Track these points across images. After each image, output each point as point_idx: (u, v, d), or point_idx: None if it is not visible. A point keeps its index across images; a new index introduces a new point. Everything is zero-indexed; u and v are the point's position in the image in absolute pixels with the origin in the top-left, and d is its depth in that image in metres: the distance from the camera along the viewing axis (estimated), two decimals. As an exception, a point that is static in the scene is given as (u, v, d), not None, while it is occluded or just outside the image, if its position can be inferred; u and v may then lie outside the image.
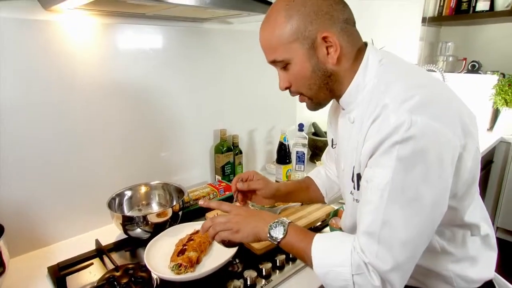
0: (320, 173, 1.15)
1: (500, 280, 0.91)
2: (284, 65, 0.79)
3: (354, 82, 0.75)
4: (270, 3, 1.10)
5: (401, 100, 0.65)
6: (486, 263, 0.84)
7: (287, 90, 0.86)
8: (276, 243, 0.78)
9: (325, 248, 0.73)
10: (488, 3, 2.75)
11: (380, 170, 0.65)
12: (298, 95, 0.85)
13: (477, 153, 0.73)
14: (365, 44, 0.79)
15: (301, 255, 0.76)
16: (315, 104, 0.84)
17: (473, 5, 2.85)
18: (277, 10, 0.74)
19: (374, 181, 0.66)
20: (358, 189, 0.79)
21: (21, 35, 1.03)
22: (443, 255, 0.80)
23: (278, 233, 0.77)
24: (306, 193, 1.13)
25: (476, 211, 0.81)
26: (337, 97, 0.81)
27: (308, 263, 0.74)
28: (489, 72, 2.80)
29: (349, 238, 0.72)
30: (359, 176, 0.76)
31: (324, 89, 0.78)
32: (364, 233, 0.67)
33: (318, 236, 0.75)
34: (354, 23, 0.76)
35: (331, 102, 0.89)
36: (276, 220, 0.79)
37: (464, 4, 2.89)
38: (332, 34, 0.71)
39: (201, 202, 0.93)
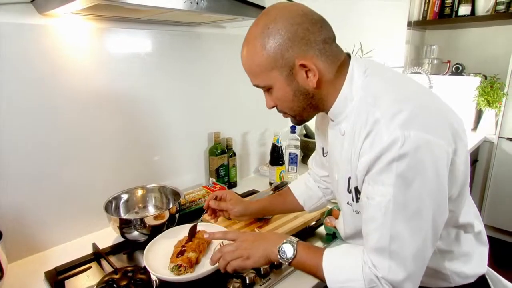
0: (298, 184, 1.17)
1: (492, 273, 0.93)
2: (267, 89, 0.82)
3: (342, 95, 0.76)
4: (264, 8, 1.12)
5: (392, 114, 0.66)
6: (480, 259, 0.87)
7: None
8: (287, 263, 0.80)
9: (336, 264, 0.75)
10: (470, 8, 2.83)
11: (380, 188, 0.67)
12: (283, 113, 0.87)
13: (467, 155, 0.75)
14: (348, 55, 0.79)
15: (313, 272, 0.78)
16: (299, 121, 0.87)
17: (456, 9, 2.93)
18: (254, 37, 0.75)
19: (375, 199, 0.68)
20: (357, 201, 0.80)
21: (15, 40, 1.02)
22: (439, 254, 0.82)
23: (288, 253, 0.79)
24: (282, 206, 1.15)
25: (469, 210, 0.84)
26: (323, 111, 0.82)
27: (321, 279, 0.76)
28: (472, 74, 2.88)
29: (358, 251, 0.74)
30: (356, 189, 0.77)
31: (307, 108, 0.80)
32: (374, 249, 0.69)
33: (327, 251, 0.77)
34: (334, 39, 0.76)
35: None
36: (284, 241, 0.80)
37: (447, 8, 2.97)
38: (310, 59, 0.72)
39: (206, 236, 0.97)
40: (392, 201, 0.65)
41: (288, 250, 0.79)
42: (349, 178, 0.79)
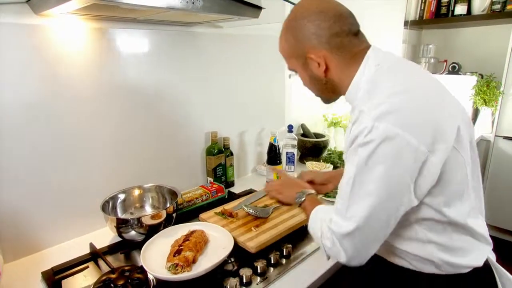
0: None
1: (497, 266, 0.93)
2: (294, 72, 0.95)
3: (353, 84, 0.84)
4: (260, 8, 1.13)
5: (374, 106, 0.73)
6: (477, 254, 0.87)
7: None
8: (298, 205, 1.05)
9: (317, 216, 0.92)
10: (466, 7, 2.84)
11: (349, 166, 0.77)
12: None
13: (456, 157, 0.77)
14: (366, 49, 0.85)
15: (307, 217, 0.96)
16: (323, 100, 1.02)
17: (452, 9, 2.94)
18: (282, 30, 0.90)
19: (345, 175, 0.79)
20: None
21: (11, 40, 1.02)
22: (430, 244, 0.84)
23: (299, 199, 1.04)
24: None
25: (463, 209, 0.83)
26: (342, 94, 0.92)
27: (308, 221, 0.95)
28: (468, 73, 2.89)
29: (330, 213, 0.86)
30: None
31: (325, 91, 0.94)
32: (335, 210, 0.82)
33: (319, 206, 0.95)
34: (349, 32, 0.83)
35: None
36: (301, 191, 1.06)
37: (443, 8, 2.98)
38: (318, 52, 0.83)
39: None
40: (352, 179, 0.75)
41: (300, 197, 1.05)
42: None
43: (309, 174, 1.26)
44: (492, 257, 0.92)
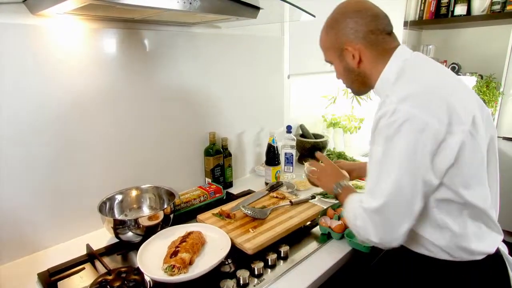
0: None
1: (507, 255, 0.96)
2: (330, 63, 1.05)
3: (383, 75, 0.94)
4: (258, 8, 1.12)
5: (397, 93, 0.83)
6: (488, 241, 0.90)
7: None
8: (334, 196, 1.11)
9: (349, 202, 0.96)
10: (465, 7, 2.83)
11: (374, 147, 0.85)
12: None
13: (472, 142, 0.83)
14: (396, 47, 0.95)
15: (342, 205, 1.02)
16: (354, 92, 1.11)
17: (452, 9, 2.93)
18: (324, 25, 1.01)
19: (371, 157, 0.86)
20: None
21: (8, 40, 1.02)
22: (446, 229, 0.88)
23: (336, 190, 1.09)
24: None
25: (480, 193, 0.87)
26: (371, 87, 1.01)
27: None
28: (468, 74, 2.89)
29: (361, 196, 0.92)
30: None
31: (356, 82, 1.02)
32: (366, 192, 0.87)
33: (352, 194, 0.99)
34: (383, 31, 0.94)
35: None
36: (339, 182, 1.09)
37: (443, 8, 2.97)
38: (354, 45, 0.93)
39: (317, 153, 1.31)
40: (379, 158, 0.82)
41: (337, 188, 1.09)
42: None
43: (337, 163, 1.34)
44: (504, 249, 0.95)
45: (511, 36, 2.50)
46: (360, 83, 1.01)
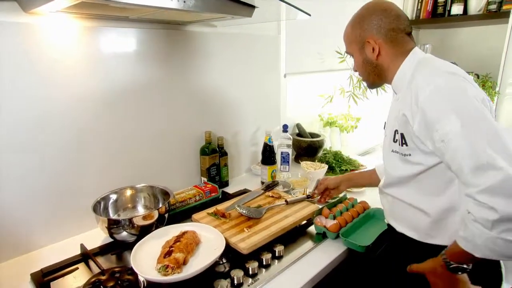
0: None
1: None
2: (351, 56, 1.11)
3: (401, 70, 1.00)
4: (253, 6, 1.11)
5: (425, 76, 0.89)
6: None
7: None
8: (456, 268, 0.86)
9: (467, 241, 0.79)
10: (462, 7, 2.83)
11: (444, 127, 0.82)
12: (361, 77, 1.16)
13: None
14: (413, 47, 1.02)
15: (464, 255, 0.82)
16: (369, 85, 1.15)
17: (448, 9, 2.93)
18: (351, 19, 1.08)
19: (448, 135, 0.81)
20: (406, 145, 0.96)
21: (0, 38, 1.00)
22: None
23: (447, 261, 0.86)
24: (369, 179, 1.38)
25: None
26: (386, 81, 1.08)
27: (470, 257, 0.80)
28: (465, 73, 2.88)
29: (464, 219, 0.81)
30: (402, 135, 0.96)
31: (372, 74, 1.08)
32: (472, 171, 0.76)
33: (458, 240, 0.82)
34: (403, 30, 1.01)
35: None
36: (452, 270, 0.86)
37: (440, 8, 2.97)
38: (375, 39, 1.00)
39: None
40: (461, 125, 0.79)
41: (448, 264, 0.86)
42: (395, 131, 0.99)
43: (323, 184, 1.41)
44: None
45: (507, 35, 2.50)
46: (376, 75, 1.07)
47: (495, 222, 0.71)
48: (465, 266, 0.85)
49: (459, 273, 0.86)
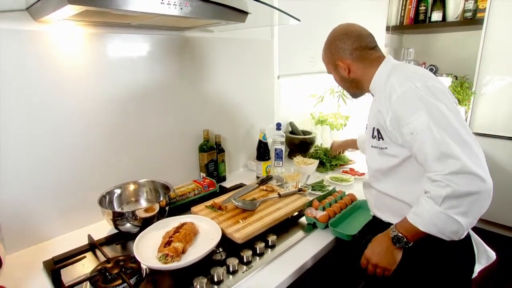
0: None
1: (475, 237, 1.01)
2: (331, 74, 1.16)
3: (376, 75, 1.02)
4: (246, 13, 1.10)
5: (399, 78, 0.91)
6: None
7: None
8: (404, 245, 0.89)
9: (416, 215, 0.85)
10: (441, 14, 2.83)
11: (415, 118, 0.84)
12: None
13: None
14: (385, 56, 1.05)
15: (415, 231, 0.86)
16: (352, 95, 1.18)
17: (429, 15, 2.93)
18: (324, 46, 1.13)
19: (418, 127, 0.84)
20: (382, 139, 0.98)
21: (12, 46, 1.00)
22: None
23: (398, 242, 0.89)
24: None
25: None
26: (365, 90, 1.10)
27: (419, 232, 0.85)
28: (444, 75, 2.88)
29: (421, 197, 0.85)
30: (378, 131, 0.99)
31: (351, 88, 1.13)
32: (435, 160, 0.81)
33: (407, 215, 0.88)
34: (365, 47, 1.04)
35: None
36: (392, 237, 0.90)
37: (421, 15, 2.97)
38: (343, 61, 1.06)
39: None
40: (428, 121, 0.82)
41: (397, 240, 0.89)
42: (373, 128, 1.01)
43: (337, 145, 1.70)
44: None
45: (481, 40, 2.50)
46: (355, 88, 1.12)
47: (445, 197, 0.78)
48: (405, 239, 0.88)
49: (398, 244, 0.89)
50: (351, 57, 1.05)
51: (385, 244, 0.92)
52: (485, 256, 1.02)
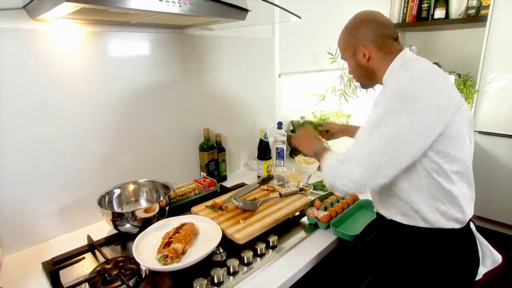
0: None
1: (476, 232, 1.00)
2: (346, 61, 1.12)
3: (390, 69, 1.01)
4: (246, 10, 1.09)
5: (409, 73, 0.90)
6: (466, 212, 0.95)
7: None
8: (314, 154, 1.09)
9: (329, 156, 0.99)
10: (444, 11, 2.80)
11: (375, 109, 0.89)
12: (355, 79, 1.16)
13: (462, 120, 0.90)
14: (401, 49, 1.03)
15: (321, 160, 1.03)
16: (362, 86, 1.17)
17: (432, 13, 2.90)
18: (344, 27, 1.09)
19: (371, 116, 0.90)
20: None
21: (9, 45, 0.98)
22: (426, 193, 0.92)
23: (316, 149, 1.09)
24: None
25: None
26: (377, 82, 1.08)
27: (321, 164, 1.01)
28: (447, 73, 2.85)
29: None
30: None
31: (364, 77, 1.10)
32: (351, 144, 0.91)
33: (328, 154, 1.01)
34: (389, 36, 1.02)
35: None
36: (318, 145, 1.11)
37: (424, 12, 2.94)
38: (366, 46, 1.01)
39: None
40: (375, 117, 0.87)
41: (316, 148, 1.09)
42: None
43: (327, 126, 1.52)
44: (472, 227, 0.99)
45: (484, 37, 2.47)
46: (368, 77, 1.09)
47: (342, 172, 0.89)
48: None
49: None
50: (373, 43, 1.02)
51: (311, 141, 1.16)
52: (490, 258, 1.00)
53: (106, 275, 0.90)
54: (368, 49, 1.02)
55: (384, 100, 0.89)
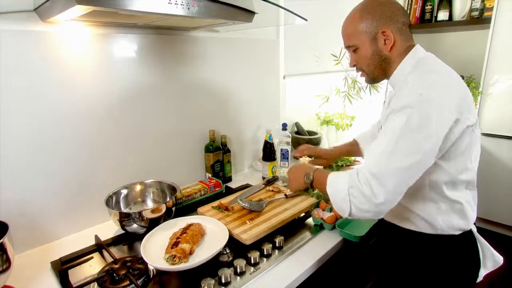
0: (365, 137, 1.35)
1: (478, 235, 1.00)
2: (354, 49, 0.98)
3: (399, 68, 0.94)
4: (254, 13, 1.09)
5: (416, 81, 0.84)
6: (468, 219, 0.95)
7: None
8: (310, 185, 1.02)
9: (333, 179, 0.91)
10: (447, 13, 2.80)
11: (391, 123, 0.83)
12: (361, 71, 1.03)
13: (471, 131, 0.88)
14: (414, 45, 0.96)
15: (322, 187, 0.94)
16: (370, 79, 1.02)
17: (435, 15, 2.90)
18: (356, 10, 0.96)
19: (387, 127, 0.84)
20: None
21: (20, 46, 1.00)
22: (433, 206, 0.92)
23: (308, 179, 1.01)
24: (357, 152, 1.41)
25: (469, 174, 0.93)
26: (387, 77, 0.99)
27: (324, 190, 0.92)
28: (451, 75, 2.84)
29: (349, 172, 0.88)
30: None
31: (378, 68, 0.97)
32: (368, 156, 0.86)
33: (331, 173, 0.93)
34: (408, 24, 0.94)
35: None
36: (307, 172, 1.02)
37: (427, 14, 2.94)
38: (390, 31, 0.91)
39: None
40: (398, 129, 0.80)
41: (308, 177, 1.01)
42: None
43: (306, 150, 1.41)
44: (474, 229, 0.99)
45: (488, 39, 2.46)
46: (382, 69, 0.98)
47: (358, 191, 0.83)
48: (311, 182, 1.01)
49: (305, 179, 1.02)
50: (397, 30, 0.91)
51: (299, 174, 1.05)
52: (491, 260, 1.00)
53: (114, 274, 0.90)
54: (392, 35, 0.91)
55: (401, 110, 0.82)
